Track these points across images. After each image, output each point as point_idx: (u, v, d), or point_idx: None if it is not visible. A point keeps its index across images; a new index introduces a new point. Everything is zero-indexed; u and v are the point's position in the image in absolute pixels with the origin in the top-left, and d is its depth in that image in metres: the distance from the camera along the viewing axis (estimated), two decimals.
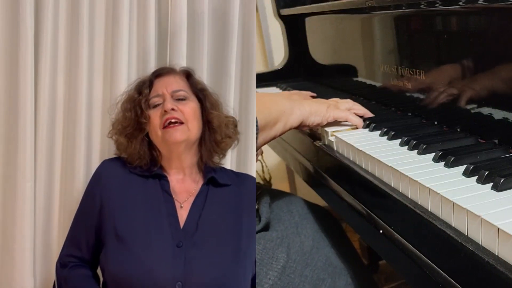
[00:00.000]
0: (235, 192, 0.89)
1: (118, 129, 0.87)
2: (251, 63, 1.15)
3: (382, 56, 1.08)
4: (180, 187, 0.86)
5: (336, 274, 0.98)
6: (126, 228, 0.79)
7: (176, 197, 0.84)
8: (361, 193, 0.83)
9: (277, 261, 0.94)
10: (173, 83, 0.88)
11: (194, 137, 0.85)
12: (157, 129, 0.83)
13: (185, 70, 0.93)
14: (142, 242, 0.78)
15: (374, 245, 0.81)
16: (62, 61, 1.02)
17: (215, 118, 0.88)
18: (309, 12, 1.44)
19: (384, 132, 0.90)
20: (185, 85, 0.89)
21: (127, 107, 0.87)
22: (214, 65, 1.14)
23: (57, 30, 1.01)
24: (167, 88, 0.86)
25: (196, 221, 0.82)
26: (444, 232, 0.59)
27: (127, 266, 0.76)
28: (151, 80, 0.89)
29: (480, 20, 0.77)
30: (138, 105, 0.85)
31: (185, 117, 0.84)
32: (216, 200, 0.86)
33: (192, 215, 0.83)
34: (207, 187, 0.87)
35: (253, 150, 1.16)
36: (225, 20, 1.12)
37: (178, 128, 0.82)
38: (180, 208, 0.83)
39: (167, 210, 0.82)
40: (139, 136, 0.85)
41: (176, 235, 0.80)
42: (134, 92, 0.88)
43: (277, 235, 1.00)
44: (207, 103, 0.89)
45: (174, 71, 0.92)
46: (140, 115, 0.85)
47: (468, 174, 0.66)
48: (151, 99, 0.86)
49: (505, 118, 0.74)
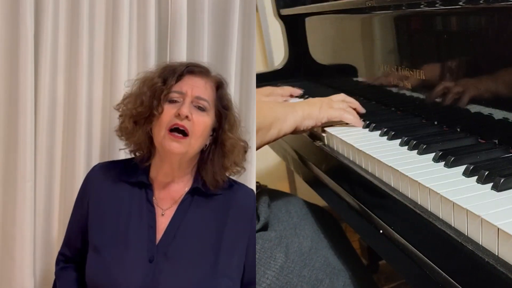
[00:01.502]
0: (223, 203, 0.83)
1: (129, 111, 0.82)
2: (251, 63, 1.15)
3: (382, 56, 1.08)
4: (165, 194, 0.83)
5: (335, 275, 0.98)
6: (102, 239, 0.79)
7: (160, 204, 0.82)
8: (361, 193, 0.83)
9: (275, 261, 0.94)
10: (201, 88, 0.82)
11: (192, 153, 0.81)
12: (163, 128, 0.78)
13: (219, 80, 0.87)
14: (116, 254, 0.78)
15: (374, 245, 0.81)
16: (62, 61, 1.02)
17: (230, 141, 0.83)
18: (309, 12, 1.44)
19: (384, 132, 0.90)
20: (211, 96, 0.83)
21: (146, 92, 0.81)
22: (214, 65, 1.14)
23: (57, 30, 1.01)
24: (193, 90, 0.80)
25: (174, 232, 0.80)
26: (444, 232, 0.59)
27: (99, 276, 0.77)
28: (182, 73, 0.82)
29: (480, 20, 0.77)
30: (158, 95, 0.79)
31: (194, 129, 0.78)
32: (199, 211, 0.82)
33: (172, 225, 0.80)
34: (192, 195, 0.83)
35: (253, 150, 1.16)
36: (225, 20, 1.12)
37: (181, 140, 0.78)
38: (161, 216, 0.81)
39: (147, 221, 0.80)
40: (146, 125, 0.81)
41: (151, 248, 0.78)
42: (159, 79, 0.81)
43: (276, 235, 1.00)
44: (226, 123, 0.83)
45: (207, 75, 0.85)
46: (156, 106, 0.79)
47: (468, 174, 0.66)
48: (172, 92, 0.80)
49: (505, 118, 0.74)
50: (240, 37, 1.14)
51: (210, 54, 1.13)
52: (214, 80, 0.85)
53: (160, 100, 0.79)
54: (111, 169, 0.86)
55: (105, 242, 0.79)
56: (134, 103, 0.82)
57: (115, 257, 0.78)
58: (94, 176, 0.86)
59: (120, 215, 0.81)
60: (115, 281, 0.76)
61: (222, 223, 0.82)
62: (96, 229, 0.81)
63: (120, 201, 0.82)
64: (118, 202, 0.82)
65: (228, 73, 1.11)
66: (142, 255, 0.77)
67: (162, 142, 0.78)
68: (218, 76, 0.87)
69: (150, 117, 0.80)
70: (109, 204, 0.82)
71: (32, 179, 0.99)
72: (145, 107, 0.80)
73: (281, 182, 2.22)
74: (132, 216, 0.81)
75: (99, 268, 0.78)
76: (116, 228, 0.80)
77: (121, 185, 0.83)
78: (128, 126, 0.82)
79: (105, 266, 0.77)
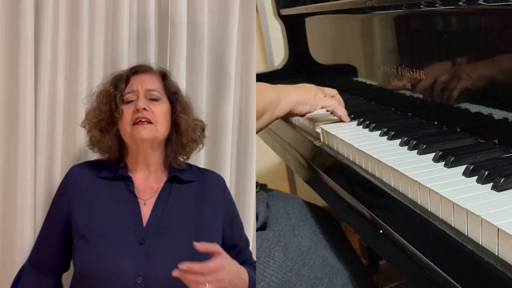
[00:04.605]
0: (199, 187, 0.92)
1: (93, 122, 0.89)
2: (251, 63, 1.15)
3: (382, 56, 1.08)
4: (145, 185, 0.89)
5: (334, 274, 0.98)
6: (91, 229, 0.83)
7: (141, 195, 0.88)
8: (361, 193, 0.83)
9: (273, 260, 0.94)
10: (149, 82, 0.90)
11: (161, 137, 0.88)
12: (127, 125, 0.86)
13: (162, 71, 0.95)
14: (106, 241, 0.81)
15: (374, 245, 0.81)
16: (62, 61, 1.02)
17: (183, 122, 0.91)
18: (309, 12, 1.44)
19: (384, 132, 0.90)
20: (159, 86, 0.92)
21: (102, 100, 0.89)
22: (214, 65, 1.14)
23: (57, 30, 1.01)
24: (142, 85, 0.89)
25: (159, 217, 0.85)
26: (444, 232, 0.59)
27: (92, 264, 0.80)
28: (128, 75, 0.91)
29: (480, 20, 0.77)
30: (113, 100, 0.88)
31: (155, 117, 0.86)
32: (179, 197, 0.89)
33: (155, 212, 0.86)
34: (171, 184, 0.90)
35: (253, 149, 1.16)
36: (225, 20, 1.12)
37: (146, 126, 0.85)
38: (144, 205, 0.87)
39: (132, 209, 0.85)
40: (112, 130, 0.88)
41: (139, 232, 0.83)
42: (111, 86, 0.90)
43: (274, 234, 1.00)
44: (178, 106, 0.92)
45: (151, 70, 0.94)
46: (114, 109, 0.87)
47: (468, 174, 0.66)
48: (126, 94, 0.88)
49: (505, 118, 0.74)
50: (240, 37, 1.14)
51: (210, 54, 1.13)
52: (158, 72, 0.94)
53: (117, 104, 0.87)
54: (89, 168, 0.91)
55: (93, 231, 0.83)
56: (95, 114, 0.89)
57: (106, 244, 0.81)
58: (73, 176, 0.89)
59: (105, 205, 0.86)
60: (109, 267, 0.79)
61: (201, 203, 0.90)
62: (83, 220, 0.84)
63: (103, 194, 0.87)
64: (102, 195, 0.87)
65: (228, 73, 1.11)
66: (132, 239, 0.82)
67: (131, 134, 0.86)
68: (160, 68, 0.96)
69: (113, 121, 0.88)
70: (93, 197, 0.86)
71: (32, 179, 1.00)
72: (105, 114, 0.88)
73: (281, 182, 2.22)
74: (116, 206, 0.86)
75: (91, 256, 0.80)
76: (103, 218, 0.84)
77: (101, 181, 0.88)
78: (95, 135, 0.89)
79: (97, 254, 0.80)
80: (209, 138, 1.11)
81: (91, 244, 0.81)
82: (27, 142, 0.98)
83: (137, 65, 0.95)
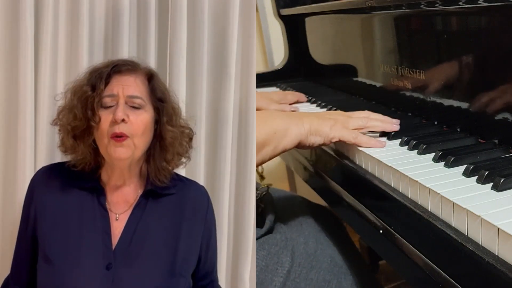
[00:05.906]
0: (178, 201, 0.82)
1: (66, 128, 0.78)
2: (251, 63, 1.15)
3: (382, 56, 1.08)
4: (118, 197, 0.80)
5: (342, 274, 0.97)
6: (55, 249, 0.75)
7: (113, 209, 0.79)
8: (360, 193, 0.83)
9: (282, 266, 0.93)
10: (132, 86, 0.77)
11: (139, 154, 0.77)
12: (104, 135, 0.75)
13: (148, 72, 0.82)
14: (70, 263, 0.73)
15: (374, 245, 0.81)
16: (62, 61, 1.02)
17: (169, 134, 0.79)
18: (309, 12, 1.44)
19: (384, 132, 0.90)
20: (144, 91, 0.79)
21: (77, 105, 0.76)
22: (214, 65, 1.14)
23: (57, 30, 1.01)
24: (123, 90, 0.76)
25: (130, 236, 0.77)
26: (444, 232, 0.59)
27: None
28: (109, 74, 0.78)
29: (480, 20, 0.77)
30: (91, 105, 0.75)
31: (134, 130, 0.75)
32: (154, 213, 0.80)
33: (126, 230, 0.77)
34: (147, 198, 0.80)
35: (253, 151, 1.16)
36: (225, 20, 1.12)
37: (124, 143, 0.74)
38: (115, 221, 0.78)
39: (101, 226, 0.77)
40: (87, 138, 0.77)
41: (107, 255, 0.75)
42: (88, 87, 0.77)
43: (281, 237, 0.99)
44: (163, 116, 0.79)
45: (135, 71, 0.80)
46: (91, 116, 0.75)
47: (468, 174, 0.66)
48: (104, 97, 0.76)
49: (505, 118, 0.74)
50: (240, 37, 1.14)
51: (210, 54, 1.13)
52: (143, 73, 0.81)
53: (94, 109, 0.75)
54: (58, 172, 0.81)
55: (56, 251, 0.74)
56: (68, 117, 0.77)
57: (69, 266, 0.73)
58: (39, 181, 0.80)
59: (71, 221, 0.76)
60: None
61: (178, 222, 0.80)
62: (46, 237, 0.76)
63: (71, 207, 0.77)
64: (69, 208, 0.77)
65: (228, 73, 1.11)
66: (99, 263, 0.74)
67: (107, 150, 0.75)
68: (147, 68, 0.83)
69: (88, 128, 0.76)
70: (59, 210, 0.77)
71: None
72: (80, 120, 0.76)
73: (281, 182, 2.22)
74: (84, 222, 0.76)
75: (52, 279, 0.73)
76: (67, 236, 0.75)
77: (70, 189, 0.79)
78: (68, 143, 0.78)
79: (58, 277, 0.73)
80: (209, 138, 1.11)
81: (55, 267, 0.73)
82: (27, 142, 0.98)
83: (120, 62, 0.80)
